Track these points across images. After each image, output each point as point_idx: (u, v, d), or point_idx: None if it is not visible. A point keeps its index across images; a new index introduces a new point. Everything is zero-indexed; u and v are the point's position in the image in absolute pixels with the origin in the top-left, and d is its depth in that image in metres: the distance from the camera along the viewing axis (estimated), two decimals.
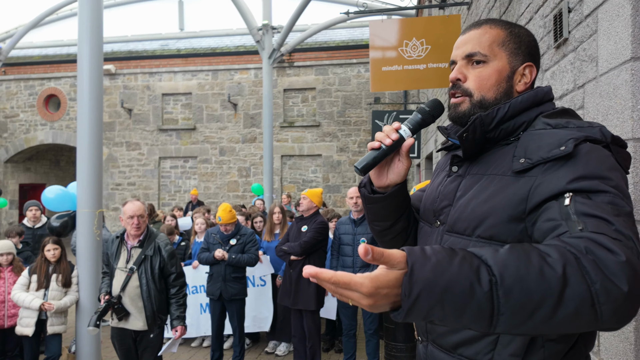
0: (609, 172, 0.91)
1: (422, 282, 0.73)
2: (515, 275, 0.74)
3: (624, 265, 0.75)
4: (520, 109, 1.09)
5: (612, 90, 1.77)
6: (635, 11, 1.62)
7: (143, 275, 3.40)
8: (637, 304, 0.76)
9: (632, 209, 0.89)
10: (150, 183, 14.80)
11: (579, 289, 0.74)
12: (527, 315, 0.74)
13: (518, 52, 1.14)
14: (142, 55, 15.09)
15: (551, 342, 0.99)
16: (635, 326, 1.62)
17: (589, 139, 0.97)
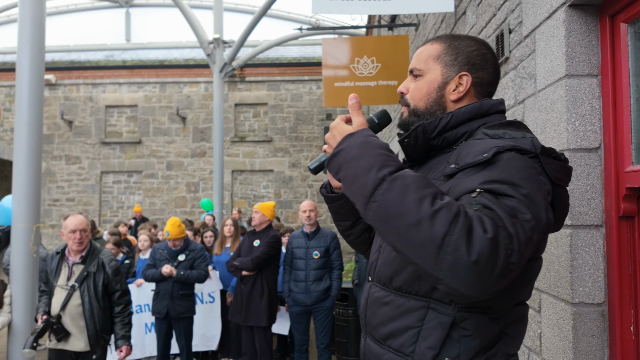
0: (522, 180, 0.97)
1: (349, 144, 1.02)
2: (403, 187, 0.91)
3: (486, 241, 0.85)
4: (462, 119, 1.16)
5: (549, 105, 1.90)
6: (569, 32, 1.76)
7: (85, 293, 3.22)
8: (477, 278, 0.85)
9: (535, 219, 0.94)
10: (91, 199, 14.12)
11: (438, 228, 0.86)
12: (389, 216, 0.91)
13: (454, 63, 1.21)
14: (85, 66, 14.51)
15: (467, 337, 1.04)
16: (573, 325, 1.72)
17: (516, 149, 1.03)
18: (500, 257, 0.86)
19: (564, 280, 1.78)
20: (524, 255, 0.91)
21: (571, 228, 1.74)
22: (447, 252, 0.85)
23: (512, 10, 2.31)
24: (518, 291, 1.09)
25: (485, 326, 1.05)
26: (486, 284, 0.87)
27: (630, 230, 1.66)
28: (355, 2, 3.20)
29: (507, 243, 0.88)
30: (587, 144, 1.75)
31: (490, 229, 0.87)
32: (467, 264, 0.85)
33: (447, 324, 1.05)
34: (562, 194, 1.12)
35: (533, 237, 0.93)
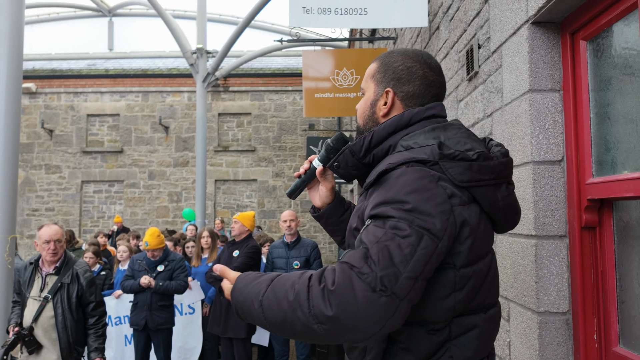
0: (407, 195, 1.00)
1: (234, 300, 1.09)
2: (268, 304, 1.01)
3: (326, 293, 0.93)
4: (383, 135, 1.18)
5: (514, 118, 1.96)
6: (532, 49, 1.82)
7: (59, 305, 3.16)
8: (352, 321, 0.91)
9: (418, 232, 0.96)
10: (71, 208, 13.89)
11: (300, 313, 0.95)
12: (282, 329, 1.00)
13: (382, 80, 1.25)
14: (67, 75, 14.36)
15: (404, 350, 1.08)
16: (539, 333, 1.76)
17: (413, 160, 1.06)
18: (357, 293, 0.91)
19: (530, 289, 1.82)
20: (404, 274, 0.93)
21: (536, 238, 1.79)
22: (320, 323, 0.93)
23: (480, 27, 2.38)
24: (446, 302, 1.06)
25: (421, 339, 1.07)
26: (364, 322, 0.91)
27: (592, 240, 1.70)
28: (332, 16, 3.25)
29: (364, 276, 0.92)
30: (551, 156, 1.80)
31: (332, 280, 0.94)
32: (332, 320, 0.92)
33: (385, 338, 1.08)
34: (486, 193, 1.10)
35: (418, 251, 0.95)
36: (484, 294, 1.12)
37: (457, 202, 1.04)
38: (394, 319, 0.93)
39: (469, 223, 1.05)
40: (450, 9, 2.94)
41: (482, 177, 1.08)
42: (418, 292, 0.97)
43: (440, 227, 0.99)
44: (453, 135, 1.14)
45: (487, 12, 2.27)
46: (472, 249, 1.07)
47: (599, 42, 1.66)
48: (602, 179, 1.61)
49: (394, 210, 0.99)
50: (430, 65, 1.25)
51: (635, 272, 1.54)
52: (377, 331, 0.93)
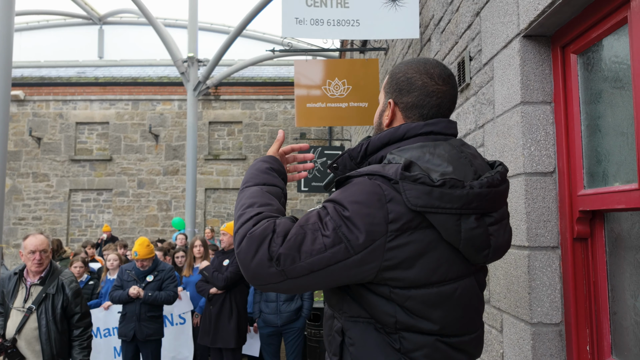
0: (350, 203, 1.04)
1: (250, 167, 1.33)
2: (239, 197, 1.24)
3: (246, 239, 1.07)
4: (377, 145, 1.21)
5: (506, 130, 1.97)
6: (523, 61, 1.84)
7: (43, 316, 3.10)
8: (241, 266, 1.06)
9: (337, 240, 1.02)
10: (59, 217, 13.71)
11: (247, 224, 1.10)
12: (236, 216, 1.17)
13: (389, 91, 1.29)
14: (56, 82, 14.25)
15: (352, 346, 1.13)
16: (533, 344, 1.76)
17: (377, 174, 1.08)
18: (258, 253, 1.04)
19: (523, 300, 1.82)
20: (300, 262, 1.02)
21: (529, 249, 1.79)
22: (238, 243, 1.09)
23: (472, 39, 2.40)
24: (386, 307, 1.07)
25: (369, 336, 1.11)
26: (248, 272, 1.05)
27: (585, 251, 1.71)
28: (324, 27, 3.27)
29: (273, 245, 1.04)
30: (543, 168, 1.81)
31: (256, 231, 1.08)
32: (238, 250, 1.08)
33: (340, 332, 1.16)
34: (445, 222, 1.04)
35: (326, 253, 1.02)
36: (438, 322, 1.08)
37: (397, 227, 1.02)
38: (276, 285, 1.05)
39: (408, 248, 1.03)
40: (441, 21, 2.96)
41: (441, 204, 1.03)
42: (311, 283, 1.05)
43: (362, 244, 1.02)
44: (440, 155, 1.11)
45: (479, 25, 2.29)
46: (410, 273, 1.04)
47: (590, 56, 1.68)
48: (593, 191, 1.63)
49: (333, 210, 1.06)
50: (432, 75, 1.22)
51: (627, 283, 1.55)
52: (259, 285, 1.06)
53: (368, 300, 1.09)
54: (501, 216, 1.15)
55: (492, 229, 1.12)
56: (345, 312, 1.14)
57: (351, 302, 1.13)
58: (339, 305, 1.16)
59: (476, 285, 1.15)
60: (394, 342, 1.09)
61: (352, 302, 1.13)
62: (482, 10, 2.25)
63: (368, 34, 3.27)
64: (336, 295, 1.16)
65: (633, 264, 1.51)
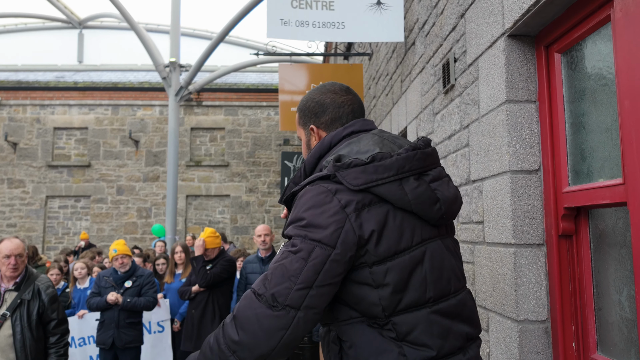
0: (304, 212, 1.11)
1: None
2: None
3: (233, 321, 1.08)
4: (312, 162, 1.29)
5: (491, 129, 1.98)
6: (508, 61, 1.86)
7: (18, 322, 2.98)
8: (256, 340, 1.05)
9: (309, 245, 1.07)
10: (35, 224, 13.36)
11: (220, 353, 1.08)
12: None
13: (305, 122, 1.39)
14: (34, 86, 13.96)
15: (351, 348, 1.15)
16: (519, 342, 1.76)
17: (317, 178, 1.16)
18: (255, 310, 1.06)
19: (510, 298, 1.82)
20: (296, 285, 1.05)
21: (515, 247, 1.80)
22: (233, 350, 1.07)
23: (457, 41, 2.42)
24: (370, 297, 1.11)
25: (363, 334, 1.13)
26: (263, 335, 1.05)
27: (570, 248, 1.73)
28: (310, 29, 3.27)
29: (259, 296, 1.07)
30: (528, 166, 1.83)
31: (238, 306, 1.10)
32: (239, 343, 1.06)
33: (336, 340, 1.18)
34: (391, 190, 1.13)
35: (307, 262, 1.06)
36: (417, 288, 1.14)
37: (353, 208, 1.10)
38: (293, 329, 1.04)
39: (369, 224, 1.10)
40: (426, 25, 2.99)
41: (379, 176, 1.13)
42: (317, 299, 1.07)
43: (332, 237, 1.07)
44: (365, 144, 1.22)
45: (463, 27, 2.31)
46: (380, 247, 1.11)
47: (573, 55, 1.71)
48: (578, 187, 1.64)
49: (293, 229, 1.12)
50: (334, 91, 1.37)
51: (612, 279, 1.56)
52: (278, 343, 1.04)
53: (354, 295, 1.13)
54: (438, 174, 1.24)
55: (435, 185, 1.20)
56: (337, 318, 1.17)
57: (340, 307, 1.16)
58: (331, 314, 1.18)
59: (444, 248, 1.22)
60: (388, 332, 1.11)
61: (341, 306, 1.16)
62: (466, 12, 2.27)
63: (353, 37, 3.28)
64: (328, 306, 1.18)
65: (617, 259, 1.53)
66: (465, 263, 2.29)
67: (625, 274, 1.48)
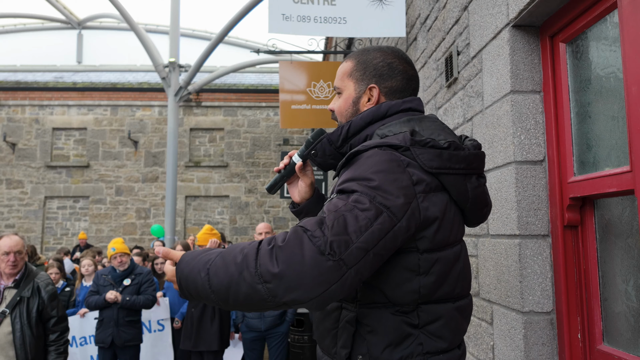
0: (374, 174, 1.03)
1: (180, 271, 1.05)
2: (215, 270, 0.99)
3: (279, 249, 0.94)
4: (361, 125, 1.21)
5: (495, 120, 1.97)
6: (513, 51, 1.85)
7: (17, 320, 2.96)
8: (296, 281, 0.92)
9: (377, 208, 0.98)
10: (33, 225, 13.32)
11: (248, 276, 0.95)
12: (226, 296, 0.98)
13: (363, 78, 1.27)
14: (32, 87, 13.93)
15: (370, 333, 1.09)
16: (524, 334, 1.74)
17: (385, 144, 1.09)
18: (305, 252, 0.93)
19: (514, 289, 1.80)
20: (355, 243, 0.95)
21: (520, 238, 1.78)
22: (266, 281, 0.93)
23: (459, 34, 2.41)
24: (410, 283, 1.08)
25: (388, 321, 1.09)
26: (307, 281, 0.92)
27: (575, 239, 1.71)
28: (311, 24, 3.26)
29: (315, 239, 0.94)
30: (533, 156, 1.81)
31: (287, 236, 0.96)
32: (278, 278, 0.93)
33: (353, 321, 1.11)
34: (455, 182, 1.12)
35: (374, 225, 0.97)
36: (452, 282, 1.14)
37: (422, 189, 1.06)
38: (338, 285, 0.94)
39: (434, 210, 1.08)
40: (428, 19, 2.98)
41: (452, 165, 1.11)
42: (369, 266, 0.98)
43: (401, 208, 1.01)
44: (427, 127, 1.18)
45: (467, 19, 2.30)
46: (437, 235, 1.09)
47: (579, 44, 1.70)
48: (584, 177, 1.63)
49: (358, 186, 1.02)
50: (408, 61, 1.30)
51: (618, 268, 1.55)
52: (320, 294, 0.93)
53: (393, 279, 1.08)
54: (485, 179, 1.26)
55: (486, 188, 1.23)
56: (359, 300, 1.11)
57: (366, 288, 1.10)
58: (354, 294, 1.12)
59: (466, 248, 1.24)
60: (412, 318, 1.09)
61: (367, 288, 1.10)
62: (470, 4, 2.26)
63: (354, 32, 3.27)
64: None
65: (624, 248, 1.52)
66: (469, 256, 2.28)
67: (632, 263, 1.47)
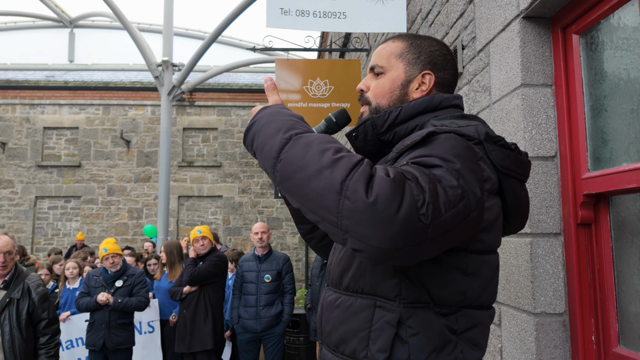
0: (455, 157, 0.92)
1: (261, 115, 1.01)
2: (307, 143, 0.89)
3: (385, 181, 0.80)
4: (411, 113, 1.12)
5: (505, 115, 1.91)
6: (523, 43, 1.79)
7: (7, 322, 2.85)
8: (377, 222, 0.78)
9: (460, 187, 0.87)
10: (23, 225, 13.11)
11: (337, 174, 0.82)
12: (292, 172, 0.87)
13: (416, 62, 1.19)
14: (23, 85, 13.72)
15: (414, 336, 0.98)
16: (536, 336, 1.68)
17: (458, 133, 1.00)
18: (405, 200, 0.79)
19: (525, 290, 1.74)
20: (443, 216, 0.82)
21: (531, 236, 1.72)
22: (346, 197, 0.80)
23: (464, 27, 2.35)
24: (459, 283, 0.99)
25: (430, 323, 0.99)
26: (390, 229, 0.79)
27: (588, 237, 1.65)
28: (310, 19, 3.19)
29: (415, 192, 0.81)
30: (544, 152, 1.75)
31: (393, 173, 0.82)
32: (365, 206, 0.78)
33: (394, 322, 0.98)
34: (514, 187, 1.06)
35: (459, 206, 0.85)
36: (491, 290, 1.08)
37: (488, 187, 0.99)
38: (409, 251, 0.81)
39: (492, 212, 1.02)
40: (430, 14, 2.92)
41: (516, 169, 1.06)
42: (436, 248, 0.85)
43: (478, 199, 0.90)
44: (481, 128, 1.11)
45: (472, 12, 2.24)
46: (488, 238, 1.02)
47: (593, 35, 1.64)
48: (599, 173, 1.57)
49: (442, 162, 0.90)
50: (454, 58, 1.24)
51: (635, 267, 1.49)
52: (390, 248, 0.80)
53: (441, 277, 0.98)
54: None
55: None
56: (404, 298, 0.99)
57: (410, 285, 0.99)
58: (395, 290, 0.99)
59: None
60: (452, 323, 1.00)
61: (411, 285, 0.99)
62: None
63: (354, 27, 3.20)
64: (391, 280, 1.00)
65: None
66: None
67: None
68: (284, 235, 13.42)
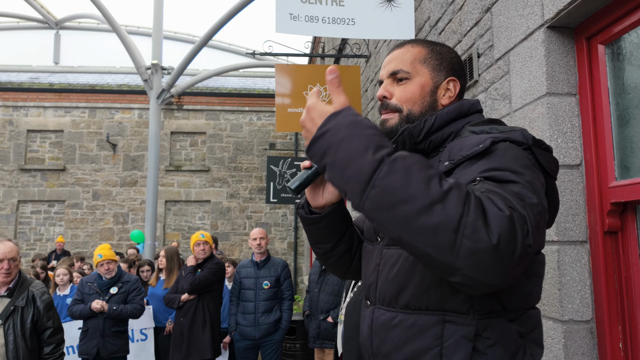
0: (522, 168, 0.92)
1: (335, 124, 0.87)
2: (406, 168, 0.80)
3: (504, 219, 0.78)
4: (446, 120, 1.12)
5: (527, 123, 1.93)
6: (548, 52, 1.81)
7: (11, 331, 2.76)
8: (499, 263, 0.77)
9: (540, 203, 0.89)
10: (5, 230, 12.76)
11: (452, 210, 0.76)
12: (393, 202, 0.79)
13: (440, 68, 1.18)
14: (6, 87, 13.41)
15: (492, 347, 0.96)
16: (564, 343, 1.69)
17: (509, 140, 0.99)
18: (518, 237, 0.79)
19: (553, 297, 1.75)
20: (537, 239, 0.84)
21: (558, 244, 1.74)
22: (465, 236, 0.76)
23: (480, 36, 2.37)
24: (526, 286, 1.00)
25: (505, 331, 0.98)
26: (507, 269, 0.78)
27: (615, 245, 1.67)
28: (319, 25, 3.18)
29: (521, 223, 0.80)
30: (569, 160, 1.77)
31: (505, 208, 0.80)
32: (488, 248, 0.76)
33: (471, 336, 0.95)
34: (554, 187, 1.08)
35: (541, 223, 0.88)
36: (541, 287, 1.08)
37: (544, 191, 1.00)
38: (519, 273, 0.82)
39: None
40: (439, 22, 2.94)
41: (556, 170, 1.07)
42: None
43: (547, 208, 0.92)
44: None
45: (490, 21, 2.26)
46: (541, 239, 1.00)
47: (620, 46, 1.67)
48: (627, 182, 1.59)
49: (516, 177, 0.89)
50: None
51: None
52: (500, 283, 0.80)
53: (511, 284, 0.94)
54: None
55: None
56: (477, 310, 0.96)
57: (482, 296, 0.95)
58: (467, 303, 0.96)
59: None
60: (520, 326, 0.99)
61: (484, 296, 0.95)
62: (493, 6, 2.22)
63: (363, 34, 3.21)
64: (462, 293, 0.96)
65: None
66: None
67: None
68: (273, 241, 13.34)
